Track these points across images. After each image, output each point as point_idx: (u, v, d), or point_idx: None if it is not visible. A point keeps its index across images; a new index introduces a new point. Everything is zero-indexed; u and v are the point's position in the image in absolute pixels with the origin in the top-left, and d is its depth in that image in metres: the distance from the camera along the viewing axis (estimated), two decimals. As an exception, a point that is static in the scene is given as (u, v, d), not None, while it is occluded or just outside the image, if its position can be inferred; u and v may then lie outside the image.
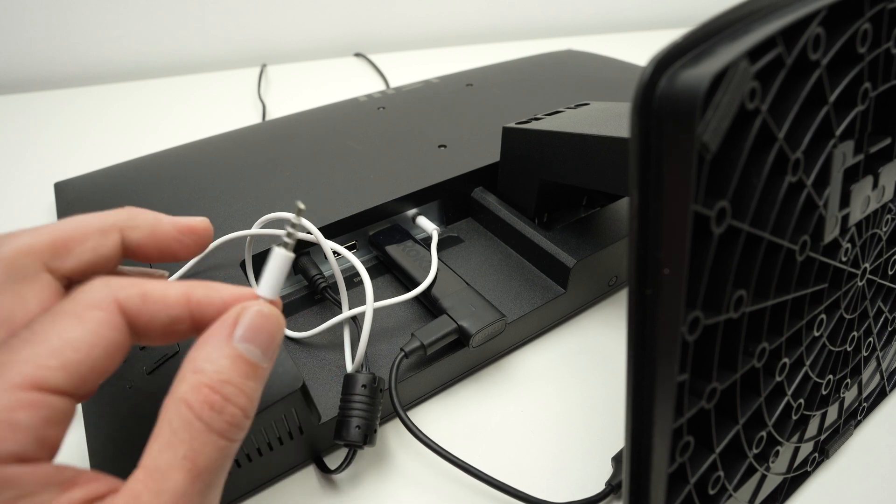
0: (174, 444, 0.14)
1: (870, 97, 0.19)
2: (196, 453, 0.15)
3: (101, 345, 0.15)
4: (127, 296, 0.16)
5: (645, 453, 0.18)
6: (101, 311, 0.15)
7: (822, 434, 0.26)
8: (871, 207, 0.21)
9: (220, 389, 0.15)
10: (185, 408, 0.15)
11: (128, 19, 0.70)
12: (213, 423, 0.15)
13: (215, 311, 0.17)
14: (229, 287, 0.17)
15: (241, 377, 0.16)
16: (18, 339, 0.14)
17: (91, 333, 0.15)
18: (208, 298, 0.17)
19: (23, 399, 0.13)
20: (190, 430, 0.15)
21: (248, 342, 0.16)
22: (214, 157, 0.39)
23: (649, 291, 0.15)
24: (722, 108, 0.14)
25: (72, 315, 0.15)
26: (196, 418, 0.15)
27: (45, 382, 0.14)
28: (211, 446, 0.15)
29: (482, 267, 0.34)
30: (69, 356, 0.14)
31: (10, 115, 0.60)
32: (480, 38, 0.88)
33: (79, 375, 0.14)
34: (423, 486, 0.26)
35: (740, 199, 0.16)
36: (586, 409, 0.30)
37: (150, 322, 0.16)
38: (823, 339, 0.23)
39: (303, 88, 0.68)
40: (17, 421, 0.13)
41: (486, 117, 0.43)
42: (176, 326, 0.16)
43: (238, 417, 0.16)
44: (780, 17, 0.16)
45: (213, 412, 0.15)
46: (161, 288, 0.16)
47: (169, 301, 0.16)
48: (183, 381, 0.15)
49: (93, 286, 0.16)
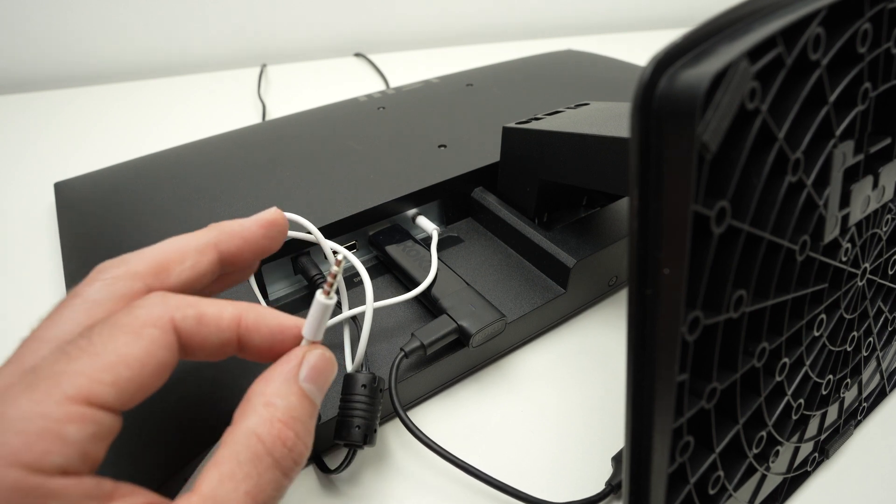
0: (238, 476, 0.14)
1: (870, 97, 0.19)
2: (259, 490, 0.15)
3: (152, 364, 0.15)
4: (184, 316, 0.16)
5: (645, 453, 0.18)
6: (157, 329, 0.15)
7: (822, 434, 0.26)
8: (871, 207, 0.21)
9: (292, 426, 0.16)
10: (256, 441, 0.15)
11: (128, 19, 0.70)
12: (283, 460, 0.15)
13: (261, 339, 0.17)
14: (276, 315, 0.18)
15: (307, 416, 0.16)
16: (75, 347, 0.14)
17: (145, 352, 0.15)
18: (257, 326, 0.17)
19: (73, 413, 0.13)
20: (258, 465, 0.15)
21: (311, 382, 0.17)
22: (214, 157, 0.39)
23: (649, 291, 0.15)
24: (722, 107, 0.14)
25: (129, 331, 0.15)
26: (266, 453, 0.15)
27: (97, 398, 0.14)
28: (274, 484, 0.15)
29: (482, 267, 0.34)
30: (122, 373, 0.14)
31: (10, 115, 0.60)
32: (480, 38, 0.88)
33: (128, 393, 0.14)
34: (424, 486, 0.26)
35: (740, 198, 0.16)
36: (586, 408, 0.30)
37: (203, 344, 0.16)
38: (823, 338, 0.23)
39: (303, 88, 0.68)
40: (67, 434, 0.13)
41: (486, 117, 0.43)
42: (224, 348, 0.17)
43: (304, 456, 0.16)
44: (780, 16, 0.16)
45: (284, 449, 0.15)
46: (216, 311, 0.17)
47: (222, 325, 0.17)
48: (254, 413, 0.16)
49: (151, 301, 0.16)
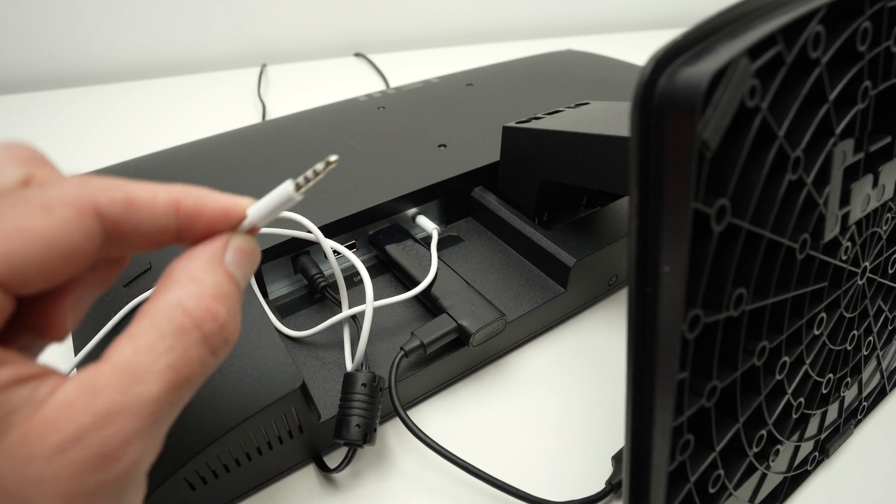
0: (158, 349, 0.13)
1: (870, 95, 0.19)
2: (183, 364, 0.13)
3: (61, 245, 0.13)
4: (109, 199, 0.14)
5: (645, 452, 0.18)
6: (72, 209, 0.13)
7: (823, 433, 0.26)
8: (871, 206, 0.21)
9: (223, 302, 0.14)
10: (181, 313, 0.14)
11: (128, 19, 0.70)
12: (213, 336, 0.14)
13: (203, 224, 0.15)
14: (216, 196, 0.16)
15: (234, 297, 0.15)
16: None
17: (53, 230, 0.13)
18: (198, 209, 0.15)
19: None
20: (184, 338, 0.14)
21: (237, 266, 0.16)
22: (214, 156, 0.39)
23: (649, 289, 0.15)
24: (722, 105, 0.14)
25: (38, 206, 0.13)
26: (194, 326, 0.14)
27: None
28: (200, 360, 0.14)
29: (482, 266, 0.34)
30: (16, 246, 0.12)
31: (9, 114, 0.60)
32: (480, 38, 0.88)
33: (20, 270, 0.12)
34: (423, 485, 0.26)
35: (740, 197, 0.16)
36: (586, 407, 0.30)
37: (134, 231, 0.14)
38: (823, 337, 0.23)
39: (303, 88, 0.68)
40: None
41: (486, 117, 0.43)
42: (161, 236, 0.15)
43: (234, 336, 0.15)
44: (780, 15, 0.16)
45: (215, 324, 0.14)
46: (149, 194, 0.15)
47: (157, 210, 0.15)
48: (178, 286, 0.14)
49: (68, 181, 0.14)
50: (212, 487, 0.23)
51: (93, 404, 0.12)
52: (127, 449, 0.13)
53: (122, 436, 0.12)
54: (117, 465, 0.12)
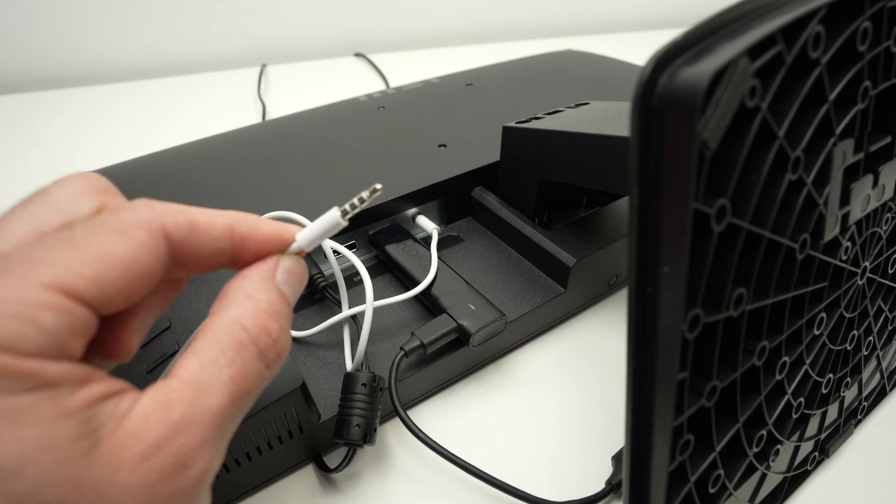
0: (220, 362, 0.14)
1: (870, 95, 0.19)
2: (243, 377, 0.15)
3: (137, 268, 0.14)
4: (175, 223, 0.15)
5: (645, 452, 0.18)
6: (146, 233, 0.14)
7: (823, 433, 0.26)
8: (871, 206, 0.21)
9: (276, 319, 0.16)
10: (240, 329, 0.15)
11: (128, 19, 0.70)
12: (267, 351, 0.15)
13: (255, 247, 0.17)
14: (269, 222, 0.17)
15: (285, 314, 0.16)
16: (56, 240, 0.13)
17: (131, 254, 0.14)
18: (251, 233, 0.17)
19: (49, 300, 0.12)
20: (242, 352, 0.15)
21: (287, 285, 0.17)
22: (214, 157, 0.39)
23: (649, 289, 0.15)
24: (722, 105, 0.14)
25: (114, 230, 0.14)
26: (251, 342, 0.15)
27: (75, 290, 0.13)
28: (257, 374, 0.15)
29: (482, 266, 0.34)
30: (103, 270, 0.13)
31: (8, 115, 0.60)
32: (480, 37, 0.88)
33: (108, 293, 0.13)
34: (423, 485, 0.26)
35: (740, 196, 0.16)
36: (586, 407, 0.30)
37: (195, 253, 0.16)
38: (823, 337, 0.23)
39: (303, 88, 0.68)
40: (42, 321, 0.12)
41: (486, 117, 0.43)
42: (217, 258, 0.16)
43: (286, 351, 0.16)
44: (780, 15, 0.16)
45: (269, 339, 0.15)
46: (207, 218, 0.16)
47: (215, 234, 0.16)
48: (235, 304, 0.15)
49: (138, 205, 0.15)
50: (212, 487, 0.23)
51: (167, 416, 0.13)
52: (198, 457, 0.14)
53: (194, 444, 0.14)
54: (190, 472, 0.14)
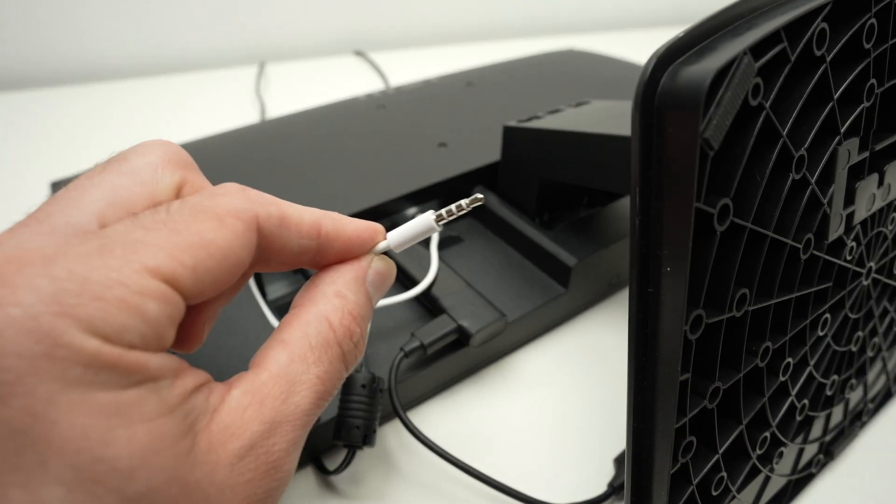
0: (309, 359, 0.14)
1: (875, 94, 0.19)
2: (328, 376, 0.14)
3: (231, 259, 0.13)
4: (268, 214, 0.14)
5: (647, 453, 0.18)
6: (241, 222, 0.13)
7: (827, 435, 0.26)
8: (876, 205, 0.21)
9: (359, 322, 0.15)
10: (328, 328, 0.15)
11: (125, 17, 0.70)
12: (349, 353, 0.15)
13: (340, 247, 0.16)
14: (353, 222, 0.16)
15: (367, 318, 0.16)
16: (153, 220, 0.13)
17: (227, 243, 0.13)
18: (336, 233, 0.16)
19: (154, 288, 0.12)
20: (329, 352, 0.14)
21: (374, 288, 0.17)
22: (213, 156, 0.39)
23: (651, 289, 0.15)
24: (724, 104, 0.14)
25: (212, 216, 0.13)
26: (336, 342, 0.15)
27: (175, 277, 0.12)
28: (338, 375, 0.15)
29: (482, 266, 0.34)
30: (202, 259, 0.12)
31: (5, 113, 0.60)
32: (481, 36, 0.87)
33: (203, 283, 0.13)
34: (423, 488, 0.26)
35: (743, 196, 0.16)
36: (587, 409, 0.29)
37: (282, 249, 0.15)
38: (828, 338, 0.23)
39: (302, 87, 0.68)
40: (147, 310, 0.11)
41: (486, 116, 0.43)
42: (300, 257, 0.16)
43: (361, 355, 0.16)
44: (784, 12, 0.15)
45: (350, 343, 0.15)
46: (297, 212, 0.15)
47: (303, 230, 0.15)
48: (325, 300, 0.15)
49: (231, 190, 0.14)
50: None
51: (262, 413, 0.13)
52: (288, 457, 0.13)
53: (285, 444, 0.13)
54: (280, 474, 0.13)
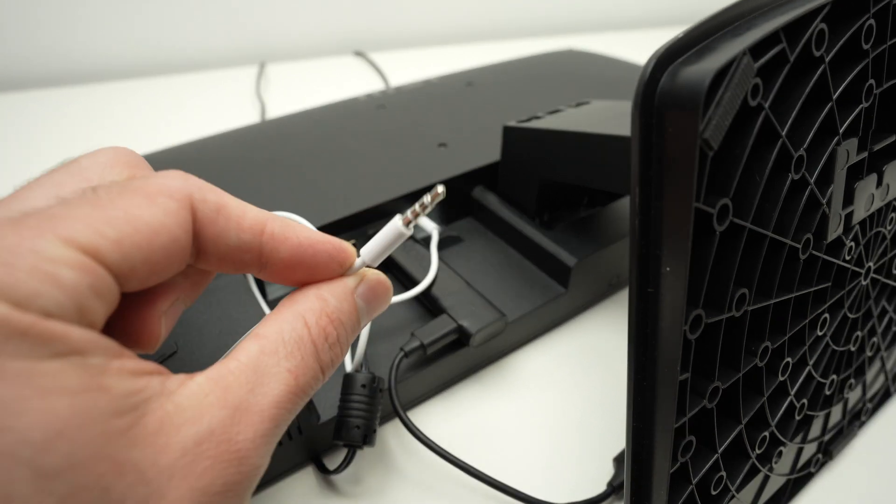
0: (280, 353, 0.14)
1: (874, 94, 0.19)
2: (301, 372, 0.14)
3: (164, 237, 0.13)
4: (203, 199, 0.14)
5: (646, 453, 0.18)
6: (174, 201, 0.13)
7: (826, 435, 0.26)
8: (875, 206, 0.21)
9: (336, 326, 0.15)
10: (302, 325, 0.15)
11: (125, 17, 0.70)
12: (322, 353, 0.15)
13: (288, 251, 0.15)
14: (307, 229, 0.16)
15: (351, 326, 0.16)
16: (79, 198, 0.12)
17: (157, 219, 0.13)
18: (284, 235, 0.15)
19: (68, 256, 0.11)
20: (302, 348, 0.14)
21: (364, 300, 0.16)
22: (213, 156, 0.39)
23: (651, 289, 0.15)
24: (724, 104, 0.14)
25: (141, 194, 0.13)
26: (310, 340, 0.15)
27: (96, 248, 0.12)
28: (312, 373, 0.14)
29: (482, 266, 0.34)
30: (127, 232, 0.12)
31: (5, 113, 0.60)
32: (481, 36, 0.87)
33: (131, 259, 0.12)
34: (424, 487, 0.26)
35: (742, 196, 0.16)
36: (587, 409, 0.29)
37: (217, 238, 0.14)
38: (827, 338, 0.23)
39: (302, 87, 0.68)
40: (61, 276, 0.11)
41: (486, 116, 0.43)
42: (242, 254, 0.15)
43: (337, 361, 0.16)
44: (783, 13, 0.15)
45: (325, 342, 0.15)
46: (239, 206, 0.15)
47: (244, 224, 0.15)
48: (305, 299, 0.15)
49: (169, 174, 0.14)
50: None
51: (224, 399, 0.12)
52: (255, 450, 0.13)
53: (251, 434, 0.13)
54: (244, 466, 0.12)
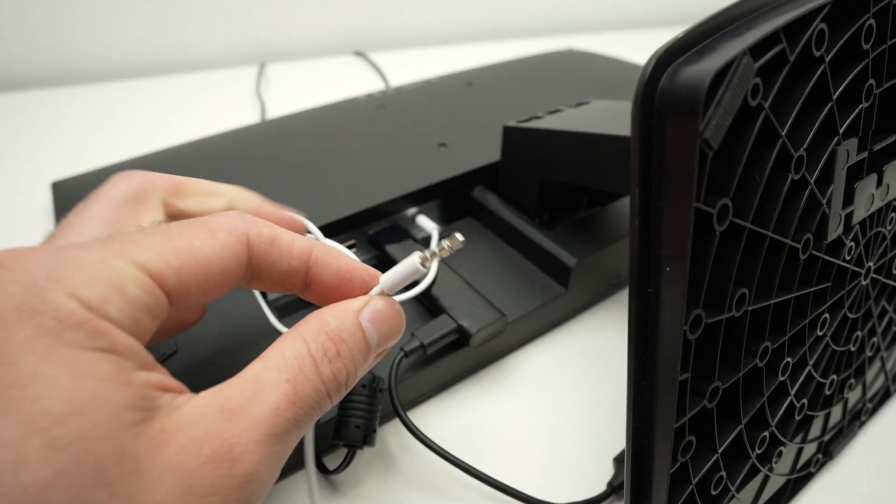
0: (280, 367, 0.15)
1: (874, 94, 0.19)
2: (300, 382, 0.15)
3: (217, 266, 0.15)
4: (259, 234, 0.16)
5: (646, 453, 0.18)
6: (232, 237, 0.16)
7: (826, 435, 0.26)
8: (875, 206, 0.21)
9: (337, 343, 0.16)
10: (301, 342, 0.15)
11: (125, 17, 0.70)
12: (322, 366, 0.15)
13: (330, 275, 0.17)
14: (347, 256, 0.18)
15: (356, 347, 0.16)
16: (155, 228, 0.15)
17: (214, 252, 0.15)
18: (326, 261, 0.17)
19: (138, 277, 0.13)
20: (300, 361, 0.15)
21: (372, 324, 0.17)
22: (213, 156, 0.39)
23: (651, 289, 0.15)
24: (724, 104, 0.14)
25: (205, 229, 0.15)
26: (309, 355, 0.15)
27: (160, 274, 0.14)
28: (312, 386, 0.15)
29: (482, 266, 0.34)
30: (187, 262, 0.14)
31: (6, 113, 0.60)
32: (481, 36, 0.87)
33: (186, 285, 0.14)
34: (423, 487, 0.26)
35: (742, 196, 0.16)
36: (587, 409, 0.29)
37: (271, 267, 0.17)
38: (827, 338, 0.23)
39: (302, 87, 0.68)
40: (128, 291, 0.13)
41: (486, 116, 0.43)
42: (291, 278, 0.17)
43: (342, 376, 0.16)
44: (783, 13, 0.15)
45: (324, 357, 0.16)
46: (289, 237, 0.17)
47: (294, 252, 0.17)
48: (307, 322, 0.16)
49: (230, 214, 0.16)
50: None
51: (224, 405, 0.14)
52: (247, 452, 0.13)
53: (246, 437, 0.13)
54: (236, 469, 0.13)
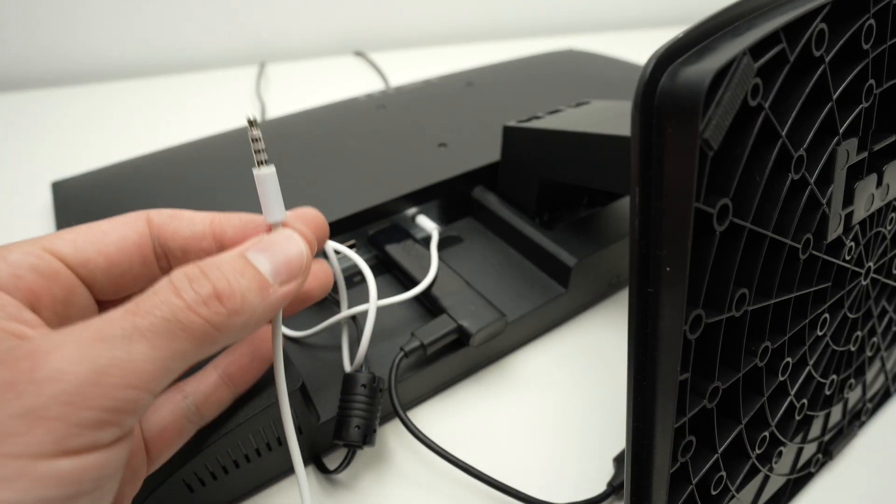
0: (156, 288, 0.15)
1: (874, 94, 0.19)
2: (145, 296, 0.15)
3: (114, 235, 0.18)
4: (158, 211, 0.19)
5: (646, 453, 0.18)
6: (130, 217, 0.18)
7: (826, 435, 0.26)
8: (875, 206, 0.21)
9: (202, 266, 0.16)
10: (179, 270, 0.16)
11: (125, 17, 0.70)
12: (183, 289, 0.15)
13: (233, 230, 0.19)
14: (247, 214, 0.20)
15: (235, 271, 0.16)
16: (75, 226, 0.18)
17: (111, 226, 0.18)
18: (227, 218, 0.19)
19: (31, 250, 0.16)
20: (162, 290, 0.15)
21: (258, 253, 0.17)
22: (213, 156, 0.39)
23: (651, 289, 0.15)
24: (724, 104, 0.14)
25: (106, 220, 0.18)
26: (168, 281, 0.15)
27: (51, 246, 0.17)
28: (169, 307, 0.15)
29: (482, 266, 0.34)
30: (84, 234, 0.17)
31: (6, 113, 0.60)
32: (481, 36, 0.87)
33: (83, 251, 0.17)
34: (423, 487, 0.26)
35: (742, 196, 0.16)
36: (587, 409, 0.29)
37: (176, 232, 0.19)
38: (827, 338, 0.23)
39: (302, 87, 0.68)
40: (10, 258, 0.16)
41: (486, 116, 0.43)
42: (198, 242, 0.19)
43: (208, 294, 0.15)
44: (783, 13, 0.15)
45: (185, 279, 0.15)
46: (190, 212, 0.19)
47: (195, 219, 0.19)
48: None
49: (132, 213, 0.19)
50: (210, 490, 0.23)
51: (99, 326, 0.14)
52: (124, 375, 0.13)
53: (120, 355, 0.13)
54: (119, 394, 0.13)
